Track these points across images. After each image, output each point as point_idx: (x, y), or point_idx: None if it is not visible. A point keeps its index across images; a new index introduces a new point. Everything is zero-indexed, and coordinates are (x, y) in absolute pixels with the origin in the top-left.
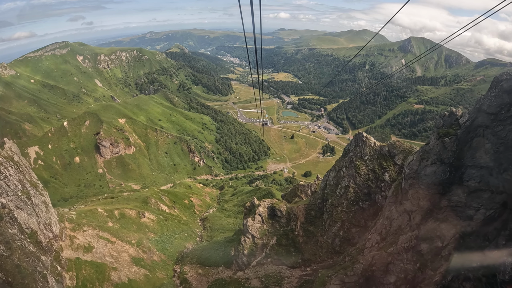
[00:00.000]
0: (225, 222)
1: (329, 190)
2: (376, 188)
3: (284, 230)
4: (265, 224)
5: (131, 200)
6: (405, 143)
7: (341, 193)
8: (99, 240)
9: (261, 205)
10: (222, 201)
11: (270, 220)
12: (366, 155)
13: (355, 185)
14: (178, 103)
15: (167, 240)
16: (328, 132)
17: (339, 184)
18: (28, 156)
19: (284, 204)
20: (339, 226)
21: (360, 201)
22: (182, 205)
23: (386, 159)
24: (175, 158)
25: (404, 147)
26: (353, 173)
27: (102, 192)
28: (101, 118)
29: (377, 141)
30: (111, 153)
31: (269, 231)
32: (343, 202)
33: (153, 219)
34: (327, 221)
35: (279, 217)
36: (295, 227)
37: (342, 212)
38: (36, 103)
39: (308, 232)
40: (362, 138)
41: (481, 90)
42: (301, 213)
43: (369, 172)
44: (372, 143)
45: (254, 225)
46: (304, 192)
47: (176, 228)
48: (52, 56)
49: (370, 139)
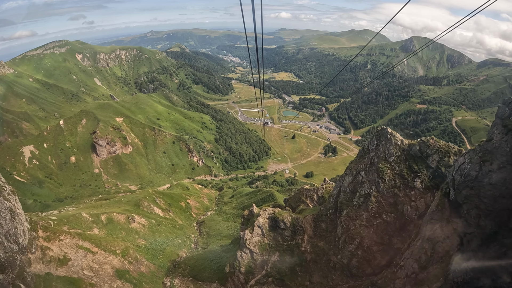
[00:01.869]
0: (223, 226)
1: (344, 198)
2: (405, 197)
3: (288, 245)
4: (266, 237)
5: (122, 203)
6: (440, 141)
7: (359, 203)
8: (77, 251)
9: (261, 215)
10: (221, 203)
11: (272, 232)
12: (391, 156)
13: (377, 193)
14: (177, 102)
15: (158, 248)
16: (330, 132)
17: (357, 192)
18: (23, 155)
19: (289, 214)
20: (357, 243)
21: (384, 213)
22: (178, 207)
23: (416, 160)
24: (174, 158)
25: (439, 145)
26: (375, 178)
27: (98, 193)
28: (97, 117)
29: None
30: (107, 153)
31: (271, 245)
32: (363, 214)
33: (144, 224)
34: (342, 236)
35: (283, 229)
36: (302, 241)
37: (362, 226)
38: (34, 102)
39: (318, 248)
40: (385, 134)
41: (484, 90)
42: (309, 225)
43: (396, 177)
44: (399, 140)
45: (252, 238)
46: (309, 197)
47: (170, 234)
48: (51, 54)
49: (397, 136)
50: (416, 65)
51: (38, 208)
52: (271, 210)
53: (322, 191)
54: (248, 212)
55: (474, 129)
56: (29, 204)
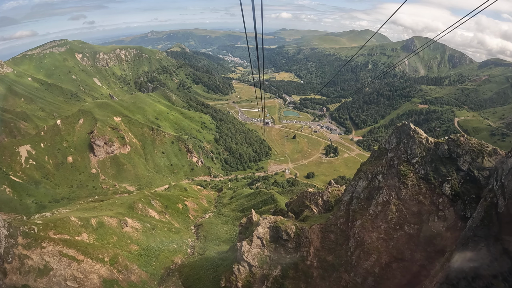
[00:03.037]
0: (221, 230)
1: (357, 206)
2: (431, 206)
3: (291, 258)
4: (266, 249)
5: (116, 206)
6: (472, 139)
7: (376, 212)
8: (61, 259)
9: (260, 224)
10: (220, 204)
11: (273, 243)
12: (415, 157)
13: (398, 200)
14: (177, 101)
15: (152, 254)
16: (331, 132)
17: (373, 199)
18: (19, 155)
19: (292, 223)
20: (374, 260)
21: (406, 224)
22: (175, 209)
23: (445, 162)
24: (172, 158)
25: (471, 144)
26: (395, 183)
27: (95, 194)
28: (95, 116)
29: None
30: (105, 153)
31: (272, 258)
32: (381, 225)
33: (138, 228)
34: (356, 251)
35: (286, 240)
36: (307, 254)
37: (379, 239)
38: (33, 101)
39: (326, 263)
40: (407, 131)
41: (486, 90)
42: (316, 235)
43: (420, 182)
44: (424, 138)
45: (251, 250)
46: (314, 202)
47: (165, 238)
48: (50, 54)
49: (421, 134)
50: (417, 65)
51: (34, 209)
52: (273, 219)
53: (327, 195)
54: (247, 220)
55: (477, 129)
56: (25, 205)
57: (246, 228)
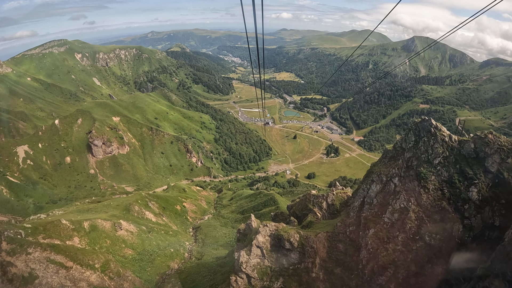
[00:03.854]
0: (220, 233)
1: (369, 213)
2: (455, 213)
3: (295, 269)
4: (267, 259)
5: (111, 207)
6: (502, 136)
7: (393, 220)
8: (48, 266)
9: (260, 232)
10: (219, 206)
11: (274, 253)
12: (437, 157)
13: (418, 207)
14: (176, 101)
15: (147, 259)
16: (332, 132)
17: (388, 205)
18: (17, 155)
19: (296, 231)
20: (390, 274)
21: (426, 234)
22: (173, 211)
23: (471, 163)
24: (172, 158)
25: (501, 142)
26: (414, 187)
27: (93, 194)
28: (94, 116)
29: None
30: (103, 153)
31: (273, 269)
32: (398, 235)
33: (133, 231)
34: (369, 264)
35: (288, 250)
36: (313, 266)
37: (396, 251)
38: (32, 101)
39: (334, 276)
40: (428, 128)
41: (487, 89)
42: (322, 245)
43: (443, 186)
44: (446, 136)
45: (250, 261)
46: (317, 205)
47: (161, 242)
48: (50, 54)
49: (443, 131)
50: (418, 65)
51: (31, 210)
52: (274, 226)
53: (332, 198)
54: (245, 226)
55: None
56: (22, 206)
57: (244, 235)
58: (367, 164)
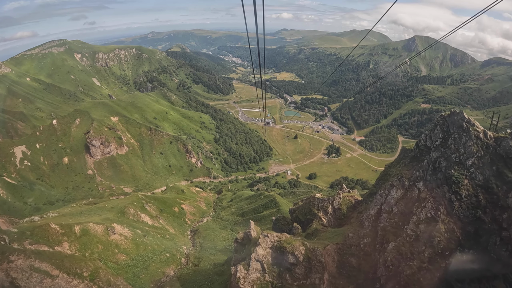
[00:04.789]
0: (219, 237)
1: (388, 223)
2: (492, 224)
3: (300, 285)
4: (268, 274)
5: (106, 210)
6: None
7: (417, 232)
8: (31, 275)
9: (260, 243)
10: (219, 207)
11: (276, 268)
12: (470, 157)
13: (448, 217)
14: (176, 101)
15: (141, 265)
16: (333, 132)
17: (412, 215)
18: (14, 156)
19: (301, 242)
20: None
21: (458, 248)
22: (171, 213)
23: (509, 164)
24: (171, 159)
25: None
26: (444, 193)
27: (90, 195)
28: (92, 116)
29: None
30: (101, 153)
31: (274, 285)
32: (424, 250)
33: (127, 235)
34: (388, 283)
35: (293, 264)
36: (320, 282)
37: (422, 269)
38: (31, 102)
39: None
40: (459, 123)
41: (489, 89)
42: (331, 258)
43: (478, 191)
44: (481, 132)
45: (248, 276)
46: (323, 210)
47: (157, 247)
48: (49, 54)
49: (477, 126)
50: (419, 64)
51: (28, 212)
52: (276, 237)
53: (338, 201)
54: (244, 235)
55: None
56: (19, 207)
57: (243, 245)
58: (369, 164)
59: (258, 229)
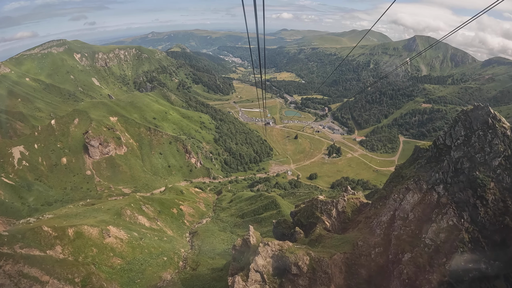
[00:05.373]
0: (218, 239)
1: (404, 231)
2: None
3: None
4: (268, 285)
5: (102, 212)
6: None
7: (437, 242)
8: (19, 281)
9: (260, 252)
10: (218, 208)
11: (278, 279)
12: (496, 157)
13: (473, 225)
14: (175, 101)
15: (137, 269)
16: (333, 132)
17: (432, 222)
18: (12, 156)
19: (305, 252)
20: None
21: (483, 260)
22: (169, 215)
23: None
24: (170, 159)
25: None
26: (467, 198)
27: (89, 196)
28: (90, 116)
29: None
30: (100, 154)
31: None
32: (445, 262)
33: (123, 238)
34: None
35: (295, 275)
36: None
37: (443, 284)
38: (30, 102)
39: None
40: (484, 118)
41: (490, 89)
42: (339, 269)
43: (506, 196)
44: (508, 129)
45: None
46: (326, 213)
47: (154, 250)
48: (48, 54)
49: (503, 122)
50: (419, 64)
51: (25, 213)
52: (277, 246)
53: (343, 204)
54: (242, 242)
55: None
56: (17, 208)
57: (241, 252)
58: (370, 165)
59: (257, 234)
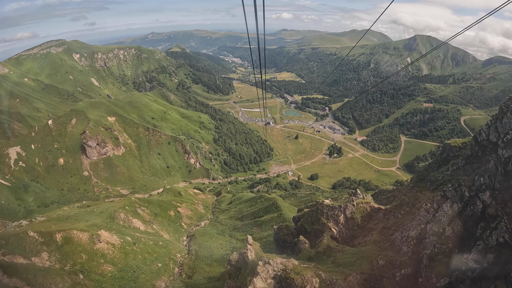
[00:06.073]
0: (216, 244)
1: (439, 249)
2: None
3: None
4: None
5: (94, 215)
6: None
7: (483, 264)
8: None
9: (260, 272)
10: (217, 210)
11: None
12: None
13: None
14: (175, 101)
15: (129, 276)
16: (334, 132)
17: (477, 238)
18: (8, 157)
19: (314, 273)
20: None
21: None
22: (166, 217)
23: None
24: (169, 159)
25: None
26: None
27: (86, 197)
28: (88, 116)
29: None
30: (98, 154)
31: None
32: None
33: (115, 243)
34: None
35: None
36: None
37: None
38: (29, 102)
39: None
40: None
41: (491, 88)
42: None
43: None
44: None
45: None
46: (333, 219)
47: (148, 255)
48: (47, 54)
49: None
50: (420, 63)
51: (21, 214)
52: (280, 265)
53: (351, 210)
54: (238, 256)
55: None
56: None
57: (237, 269)
58: (371, 165)
59: (256, 247)
